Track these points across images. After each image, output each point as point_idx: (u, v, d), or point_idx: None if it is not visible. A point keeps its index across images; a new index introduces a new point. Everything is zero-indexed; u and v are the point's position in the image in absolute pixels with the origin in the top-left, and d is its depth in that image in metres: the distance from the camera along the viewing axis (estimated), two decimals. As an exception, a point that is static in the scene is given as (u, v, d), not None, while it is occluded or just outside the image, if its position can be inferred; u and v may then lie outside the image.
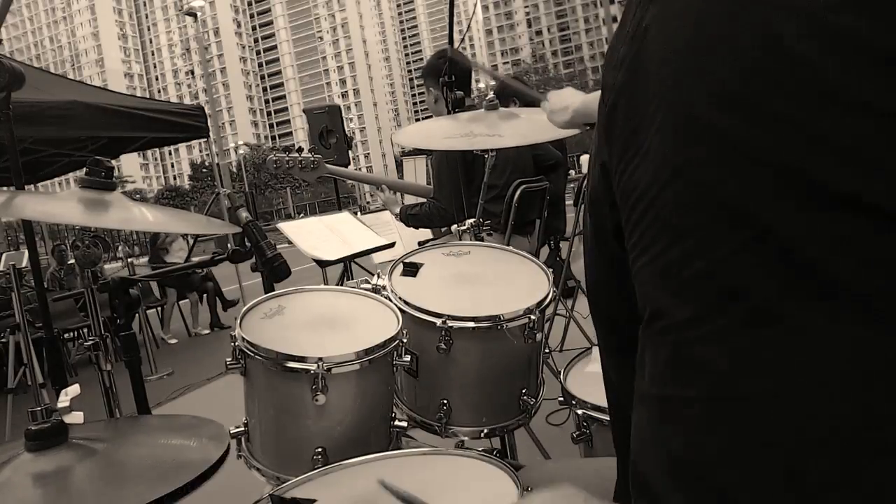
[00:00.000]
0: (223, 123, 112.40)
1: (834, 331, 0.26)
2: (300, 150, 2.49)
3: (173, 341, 6.98)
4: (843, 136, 0.26)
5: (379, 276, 1.46)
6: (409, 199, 3.52)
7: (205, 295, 7.47)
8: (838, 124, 0.26)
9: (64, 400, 0.95)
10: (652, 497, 0.31)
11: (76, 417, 0.94)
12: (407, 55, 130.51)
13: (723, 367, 0.28)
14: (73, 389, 0.99)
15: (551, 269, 1.51)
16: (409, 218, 2.69)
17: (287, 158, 2.46)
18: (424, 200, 2.75)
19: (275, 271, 1.39)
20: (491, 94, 1.83)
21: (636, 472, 0.33)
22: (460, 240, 1.94)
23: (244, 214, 1.40)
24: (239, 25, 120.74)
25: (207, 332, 7.33)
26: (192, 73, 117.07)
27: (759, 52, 0.29)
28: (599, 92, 1.35)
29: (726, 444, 0.27)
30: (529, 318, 1.33)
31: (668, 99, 0.33)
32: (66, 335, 6.22)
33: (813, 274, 0.26)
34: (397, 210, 2.72)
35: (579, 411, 1.27)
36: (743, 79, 0.29)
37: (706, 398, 0.29)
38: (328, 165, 2.57)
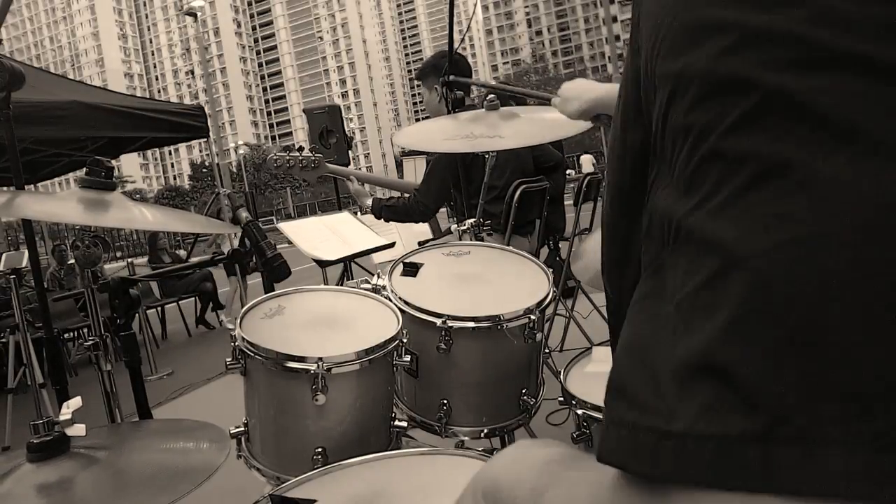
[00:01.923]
0: (223, 123, 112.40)
1: (850, 172, 0.24)
2: (301, 149, 2.49)
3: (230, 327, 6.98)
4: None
5: (379, 276, 1.47)
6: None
7: (201, 295, 7.48)
8: None
9: (66, 412, 0.95)
10: (652, 391, 0.29)
11: (78, 430, 0.94)
12: (407, 55, 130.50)
13: (733, 233, 0.26)
14: (75, 402, 0.98)
15: (551, 269, 1.51)
16: (384, 210, 2.65)
17: (288, 157, 2.46)
18: (402, 194, 2.73)
19: (275, 271, 1.39)
20: (491, 95, 1.83)
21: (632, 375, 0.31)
22: (460, 240, 1.94)
23: (244, 214, 1.40)
24: (239, 25, 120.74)
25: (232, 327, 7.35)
26: (192, 73, 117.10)
27: None
28: (615, 84, 1.28)
29: (738, 311, 0.25)
30: (529, 318, 1.33)
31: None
32: (66, 335, 6.22)
33: (824, 124, 0.25)
34: (368, 202, 2.68)
35: (579, 411, 1.27)
36: None
37: (715, 273, 0.26)
38: (329, 165, 2.57)
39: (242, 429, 1.23)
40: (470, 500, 0.47)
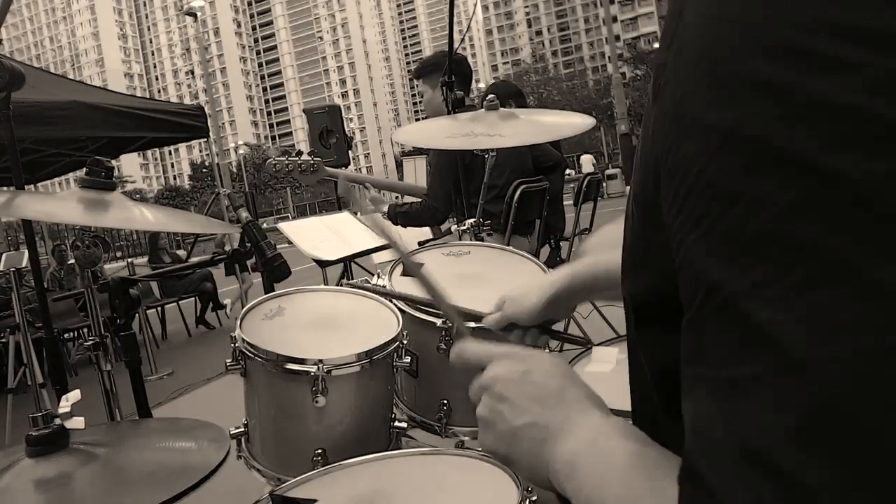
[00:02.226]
0: (223, 123, 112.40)
1: None
2: (299, 153, 2.49)
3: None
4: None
5: (379, 276, 1.46)
6: (410, 200, 3.53)
7: (201, 295, 7.48)
8: None
9: (65, 405, 0.95)
10: (710, 489, 0.28)
11: (77, 423, 0.94)
12: (407, 55, 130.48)
13: (793, 332, 0.25)
14: (74, 395, 0.98)
15: (551, 270, 1.50)
16: (399, 216, 2.68)
17: (287, 162, 2.46)
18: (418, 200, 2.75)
19: (275, 271, 1.39)
20: (491, 95, 1.83)
21: (693, 463, 0.31)
22: (460, 240, 1.94)
23: (244, 214, 1.40)
24: (239, 25, 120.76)
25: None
26: (192, 73, 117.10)
27: None
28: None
29: (803, 421, 0.25)
30: (529, 318, 1.32)
31: (705, 57, 0.30)
32: (66, 335, 6.22)
33: (891, 220, 0.24)
34: (385, 209, 2.71)
35: (579, 411, 1.26)
36: (786, 25, 0.26)
37: (777, 371, 0.26)
38: (327, 168, 2.57)
39: (242, 429, 1.23)
40: (542, 458, 0.48)
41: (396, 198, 3.50)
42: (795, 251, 0.25)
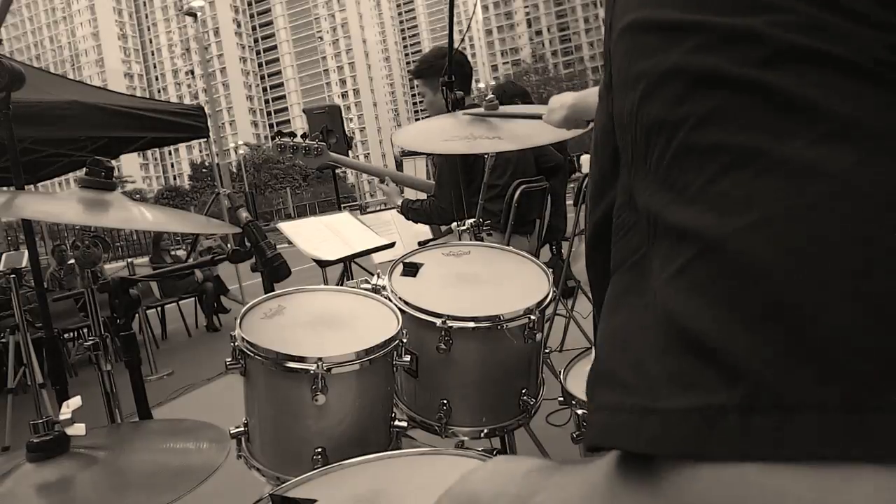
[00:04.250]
0: (223, 123, 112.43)
1: (810, 153, 0.26)
2: (304, 136, 2.49)
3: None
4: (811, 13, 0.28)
5: (379, 276, 1.47)
6: (409, 193, 3.53)
7: (203, 296, 7.48)
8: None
9: (66, 412, 0.95)
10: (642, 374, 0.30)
11: (78, 429, 0.94)
12: (407, 55, 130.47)
13: (706, 220, 0.28)
14: (75, 402, 0.98)
15: (551, 270, 1.51)
16: (410, 212, 2.71)
17: (291, 143, 2.46)
18: (425, 196, 2.76)
19: (275, 271, 1.39)
20: (491, 95, 1.83)
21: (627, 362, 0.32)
22: (460, 240, 1.94)
23: (244, 214, 1.40)
24: (239, 25, 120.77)
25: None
26: (192, 73, 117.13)
27: None
28: (591, 88, 1.37)
29: (723, 295, 0.27)
30: (529, 318, 1.33)
31: (631, 18, 0.34)
32: (66, 335, 6.22)
33: (789, 110, 0.27)
34: (399, 202, 2.75)
35: (579, 411, 1.27)
36: None
37: (693, 257, 0.28)
38: (331, 153, 2.58)
39: (242, 429, 1.23)
40: None
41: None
42: (709, 152, 0.29)
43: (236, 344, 1.18)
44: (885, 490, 0.22)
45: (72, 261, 7.35)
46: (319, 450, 1.14)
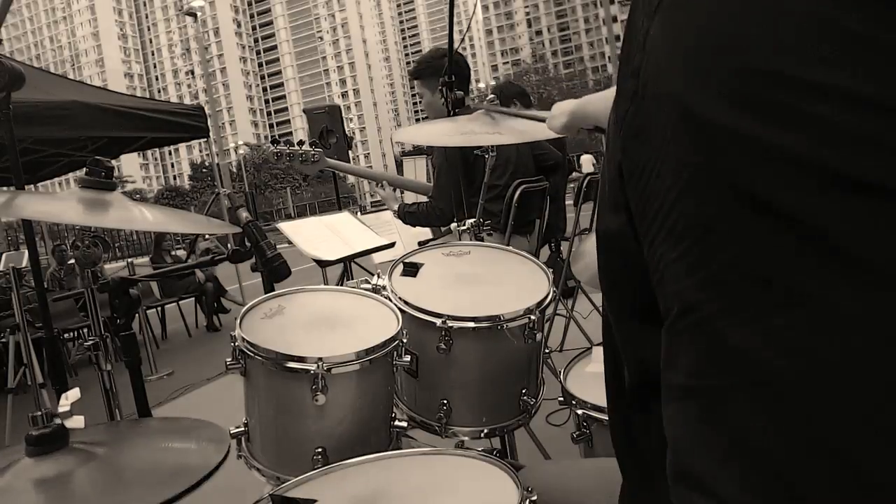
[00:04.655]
0: (223, 123, 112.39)
1: (861, 305, 0.27)
2: (301, 143, 2.49)
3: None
4: (863, 129, 0.27)
5: (379, 276, 1.47)
6: (409, 196, 3.53)
7: (203, 296, 7.47)
8: (855, 118, 0.27)
9: (65, 404, 0.95)
10: (706, 490, 0.31)
11: (77, 422, 0.94)
12: (407, 55, 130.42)
13: (759, 349, 0.29)
14: (74, 394, 0.98)
15: (551, 269, 1.51)
16: (407, 216, 2.71)
17: (288, 151, 2.46)
18: (424, 199, 2.76)
19: (275, 271, 1.39)
20: (491, 95, 1.84)
21: (680, 467, 0.34)
22: (460, 240, 1.94)
23: (244, 214, 1.40)
24: (239, 25, 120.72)
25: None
26: (192, 73, 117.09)
27: (766, 53, 0.30)
28: (593, 95, 1.37)
29: (773, 427, 0.28)
30: (529, 318, 1.33)
31: (675, 101, 0.33)
32: (66, 335, 6.22)
33: (838, 253, 0.27)
34: (396, 207, 2.74)
35: (579, 411, 1.27)
36: (753, 78, 0.30)
37: (749, 383, 0.29)
38: (328, 159, 2.58)
39: (242, 429, 1.23)
40: None
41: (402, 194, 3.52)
42: (759, 281, 0.30)
43: (236, 344, 1.18)
44: None
45: (72, 261, 7.36)
46: (319, 450, 1.14)
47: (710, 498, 0.31)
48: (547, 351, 1.54)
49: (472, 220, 1.96)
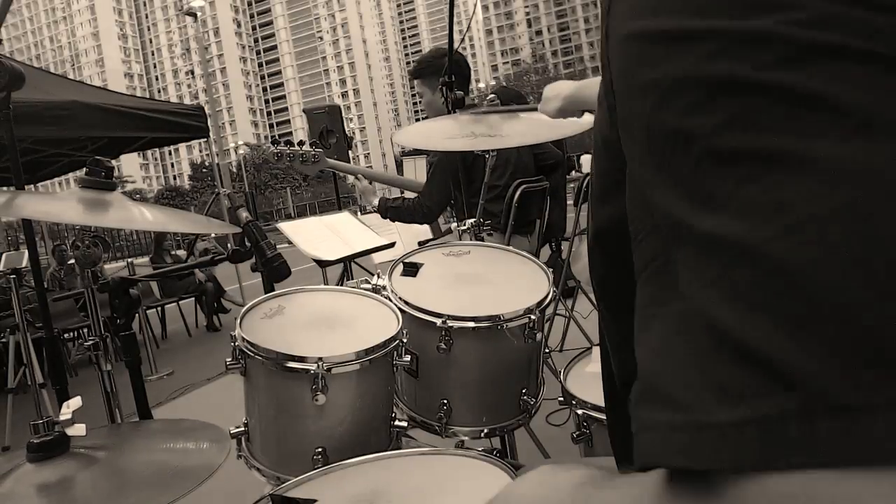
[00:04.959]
0: (223, 123, 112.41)
1: (840, 150, 0.26)
2: (301, 143, 2.49)
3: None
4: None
5: (379, 276, 1.47)
6: (409, 196, 3.52)
7: (203, 296, 7.48)
8: None
9: (66, 412, 0.95)
10: (668, 400, 0.30)
11: (78, 430, 0.94)
12: (407, 55, 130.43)
13: (736, 228, 0.27)
14: (75, 402, 0.98)
15: (551, 269, 1.51)
16: (389, 211, 2.67)
17: (288, 151, 2.46)
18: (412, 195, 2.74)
19: (275, 271, 1.39)
20: (492, 95, 1.83)
21: (644, 389, 0.32)
22: (460, 240, 1.94)
23: (244, 214, 1.40)
24: (239, 25, 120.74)
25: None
26: (192, 73, 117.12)
27: None
28: (588, 80, 1.37)
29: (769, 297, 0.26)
30: (529, 318, 1.33)
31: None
32: (66, 335, 6.22)
33: (814, 107, 0.26)
34: (375, 201, 2.70)
35: (579, 411, 1.27)
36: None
37: (727, 266, 0.28)
38: (328, 160, 2.57)
39: (242, 429, 1.23)
40: None
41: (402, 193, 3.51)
42: (733, 159, 0.28)
43: (236, 344, 1.18)
44: None
45: (72, 261, 7.35)
46: (319, 450, 1.14)
47: (670, 407, 0.29)
48: (547, 351, 1.54)
49: (472, 220, 1.96)
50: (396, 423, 1.27)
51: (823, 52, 0.27)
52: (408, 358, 1.24)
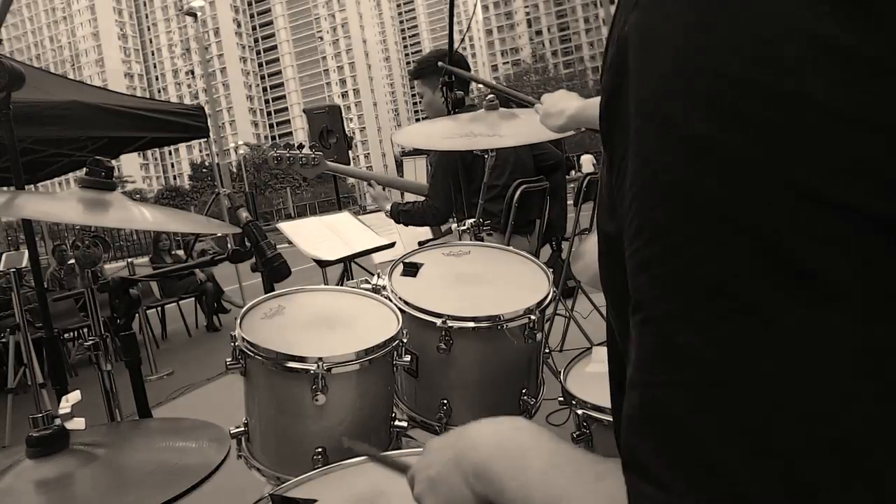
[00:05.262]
0: (223, 123, 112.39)
1: (816, 319, 0.27)
2: (301, 146, 2.49)
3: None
4: (836, 148, 0.27)
5: (379, 276, 1.47)
6: (409, 198, 3.52)
7: (203, 296, 7.47)
8: (830, 138, 0.27)
9: (65, 406, 0.95)
10: (650, 478, 0.32)
11: (78, 423, 0.94)
12: (407, 55, 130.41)
13: (709, 355, 0.29)
14: (74, 396, 0.98)
15: (551, 269, 1.51)
16: (401, 215, 2.68)
17: (288, 155, 2.46)
18: (421, 198, 2.75)
19: (275, 271, 1.39)
20: (491, 95, 1.84)
21: (626, 452, 0.34)
22: (460, 240, 1.94)
23: (244, 214, 1.40)
24: (239, 25, 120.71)
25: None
26: (192, 73, 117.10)
27: (741, 62, 0.30)
28: (595, 98, 1.37)
29: (716, 426, 0.29)
30: (529, 318, 1.33)
31: (646, 105, 0.34)
32: (66, 335, 6.22)
33: (794, 267, 0.28)
34: (388, 206, 2.71)
35: (579, 411, 1.27)
36: (725, 87, 0.30)
37: (693, 383, 0.30)
38: (328, 162, 2.57)
39: (242, 429, 1.23)
40: (458, 477, 0.50)
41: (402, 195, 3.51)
42: (711, 288, 0.30)
43: (236, 344, 1.18)
44: None
45: (72, 261, 7.34)
46: (319, 450, 1.14)
47: (655, 485, 0.31)
48: (547, 351, 1.54)
49: (472, 220, 1.96)
50: (396, 423, 1.27)
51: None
52: (408, 358, 1.24)
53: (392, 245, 3.02)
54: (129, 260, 6.32)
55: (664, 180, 0.32)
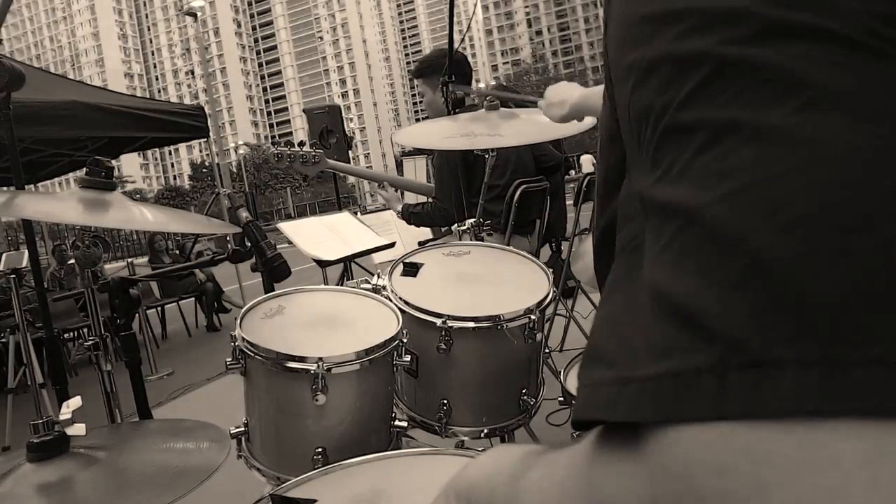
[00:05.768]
0: (223, 123, 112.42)
1: (793, 121, 0.26)
2: (301, 143, 2.49)
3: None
4: None
5: (379, 276, 1.47)
6: (409, 197, 3.53)
7: (203, 296, 7.48)
8: None
9: (66, 412, 0.95)
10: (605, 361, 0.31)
11: (78, 429, 0.94)
12: (407, 55, 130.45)
13: (685, 195, 0.28)
14: (75, 402, 0.98)
15: (551, 270, 1.51)
16: (412, 216, 2.70)
17: (289, 152, 2.46)
18: (426, 199, 2.76)
19: (275, 271, 1.39)
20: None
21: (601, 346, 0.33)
22: (460, 240, 1.94)
23: (244, 214, 1.40)
24: (239, 25, 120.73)
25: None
26: (192, 73, 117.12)
27: None
28: (597, 87, 1.37)
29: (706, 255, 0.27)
30: (529, 318, 1.33)
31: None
32: (66, 335, 6.22)
33: (770, 82, 0.27)
34: (399, 208, 2.73)
35: (579, 411, 1.27)
36: None
37: (682, 226, 0.28)
38: (329, 160, 2.58)
39: (242, 429, 1.23)
40: (443, 501, 0.49)
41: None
42: (690, 131, 0.29)
43: (236, 344, 1.18)
44: (872, 445, 0.22)
45: (72, 261, 7.34)
46: (320, 450, 1.14)
47: (604, 364, 0.30)
48: (547, 351, 1.54)
49: (472, 220, 1.96)
50: (396, 423, 1.27)
51: (793, 30, 0.27)
52: (408, 358, 1.24)
53: (392, 245, 3.02)
54: (129, 260, 6.31)
55: (644, 65, 0.32)
